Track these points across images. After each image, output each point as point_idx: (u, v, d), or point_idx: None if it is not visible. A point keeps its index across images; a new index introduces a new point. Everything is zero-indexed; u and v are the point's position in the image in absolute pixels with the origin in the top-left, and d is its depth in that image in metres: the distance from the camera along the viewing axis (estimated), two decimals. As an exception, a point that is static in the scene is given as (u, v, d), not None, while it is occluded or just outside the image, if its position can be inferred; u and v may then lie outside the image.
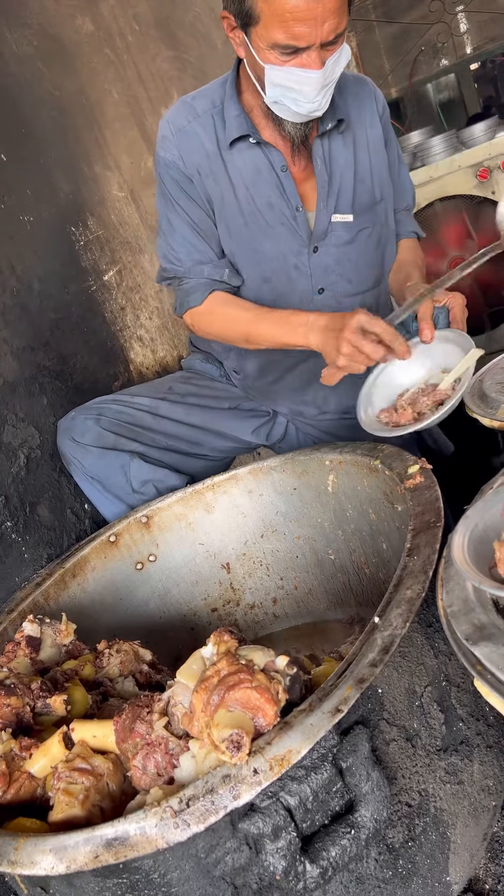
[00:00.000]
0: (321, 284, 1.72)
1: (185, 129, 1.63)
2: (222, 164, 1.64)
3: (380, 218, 1.75)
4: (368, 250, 1.75)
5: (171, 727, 0.93)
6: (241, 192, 1.65)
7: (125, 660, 1.31)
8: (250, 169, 1.64)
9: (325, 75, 1.40)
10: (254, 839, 0.83)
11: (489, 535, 0.93)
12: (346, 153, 1.69)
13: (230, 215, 1.67)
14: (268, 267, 1.70)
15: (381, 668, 0.85)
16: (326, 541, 1.67)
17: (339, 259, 1.71)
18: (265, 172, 1.64)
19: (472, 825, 1.04)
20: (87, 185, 2.11)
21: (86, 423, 1.72)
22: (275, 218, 1.67)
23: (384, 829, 0.91)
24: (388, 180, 1.77)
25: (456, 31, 4.63)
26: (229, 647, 0.92)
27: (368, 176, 1.72)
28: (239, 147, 1.63)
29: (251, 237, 1.68)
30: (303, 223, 1.67)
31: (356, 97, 1.70)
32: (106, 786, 0.94)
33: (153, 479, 1.74)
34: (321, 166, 1.65)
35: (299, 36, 1.34)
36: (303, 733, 0.81)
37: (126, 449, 1.74)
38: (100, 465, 1.71)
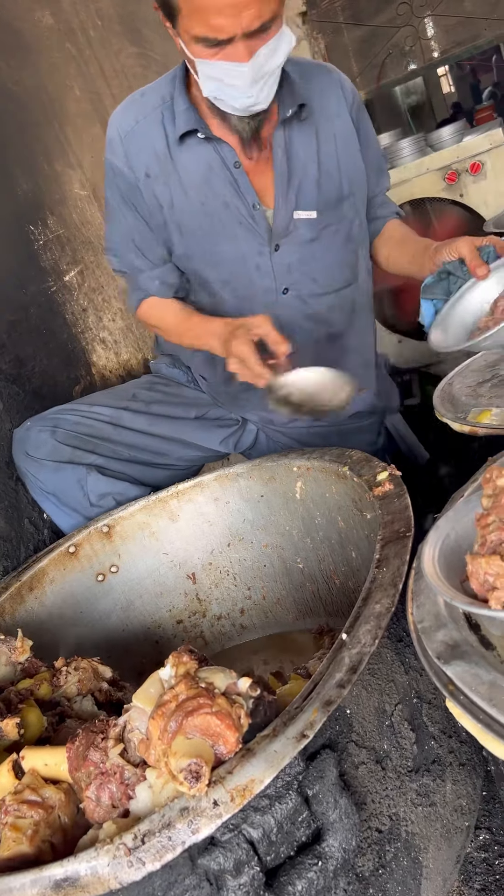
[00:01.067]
0: (285, 284, 1.66)
1: (132, 130, 1.56)
2: (172, 164, 1.57)
3: (347, 214, 1.67)
4: (335, 248, 1.67)
5: (127, 755, 0.88)
6: (194, 192, 1.57)
7: (84, 678, 1.25)
8: (202, 166, 1.56)
9: (256, 68, 1.32)
10: (214, 875, 0.78)
11: (461, 546, 0.89)
12: (308, 144, 1.59)
13: (184, 217, 1.60)
14: (226, 269, 1.63)
15: (349, 689, 0.81)
16: (295, 549, 1.62)
17: (303, 257, 1.64)
18: (217, 169, 1.56)
19: (445, 848, 1.00)
20: (48, 183, 2.04)
21: (40, 436, 1.64)
22: (231, 217, 1.59)
23: (353, 857, 0.86)
24: (361, 173, 1.69)
25: (423, 35, 4.62)
26: (189, 668, 0.87)
27: (335, 169, 1.63)
28: (189, 143, 1.55)
29: (207, 239, 1.61)
30: (261, 221, 1.60)
31: (320, 86, 1.61)
32: (57, 818, 0.88)
33: (112, 492, 1.67)
34: (280, 157, 1.57)
35: (218, 28, 1.26)
36: (266, 761, 0.76)
37: (83, 462, 1.66)
38: (55, 479, 1.64)
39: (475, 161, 3.37)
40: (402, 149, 3.54)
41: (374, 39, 4.62)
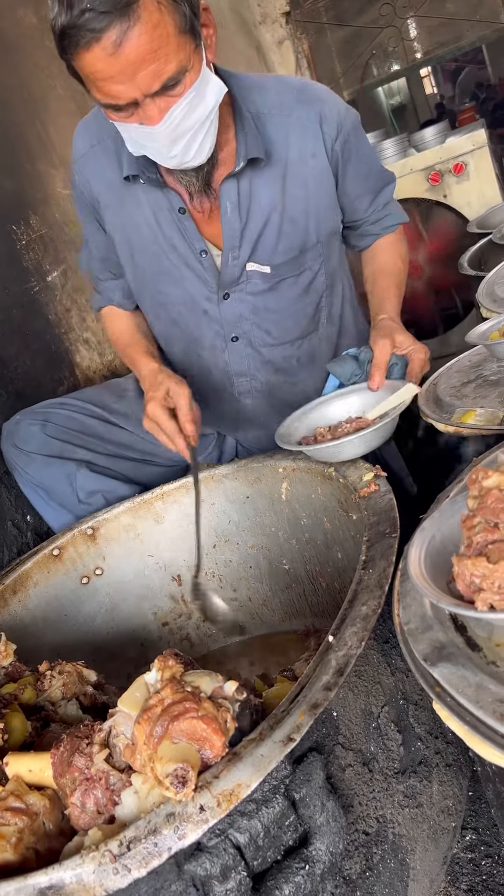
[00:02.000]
0: (234, 333, 1.61)
1: (87, 154, 1.52)
2: (126, 197, 1.51)
3: (311, 264, 1.58)
4: (291, 300, 1.60)
5: (112, 760, 0.87)
6: (146, 229, 1.53)
7: (68, 682, 1.24)
8: (153, 205, 1.50)
9: (172, 127, 1.22)
10: (201, 881, 0.78)
11: (447, 548, 0.89)
12: (272, 190, 1.48)
13: (134, 253, 1.57)
14: (174, 310, 1.60)
15: (335, 692, 0.81)
16: (280, 550, 1.62)
17: (255, 308, 1.58)
18: (166, 212, 1.49)
19: (432, 849, 1.00)
20: (30, 182, 2.02)
21: (30, 430, 1.63)
22: (179, 260, 1.54)
23: (340, 860, 0.86)
24: (334, 219, 1.59)
25: (406, 36, 4.64)
26: (174, 672, 0.86)
27: (303, 216, 1.52)
28: (139, 183, 1.48)
29: (156, 278, 1.57)
30: (210, 268, 1.53)
31: (298, 123, 1.47)
32: (42, 825, 0.87)
33: (101, 489, 1.66)
34: (230, 212, 1.46)
35: (115, 94, 1.16)
36: (253, 765, 0.76)
37: (73, 457, 1.65)
38: (44, 473, 1.63)
39: (458, 162, 3.38)
40: (385, 149, 3.55)
41: (357, 40, 4.64)
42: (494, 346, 1.42)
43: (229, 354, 1.64)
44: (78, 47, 1.12)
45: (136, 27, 1.10)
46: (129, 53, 1.11)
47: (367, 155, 1.61)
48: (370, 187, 1.66)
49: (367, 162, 1.62)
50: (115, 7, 1.08)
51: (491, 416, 1.27)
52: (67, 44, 1.13)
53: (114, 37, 1.10)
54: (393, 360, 1.44)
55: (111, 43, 1.10)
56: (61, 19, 1.11)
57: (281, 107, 1.47)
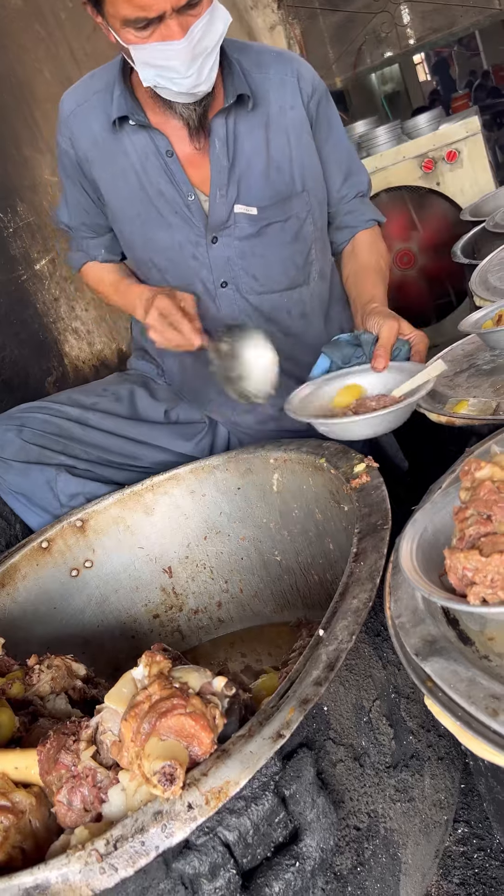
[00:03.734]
0: (223, 278, 1.61)
1: (75, 111, 1.55)
2: (113, 148, 1.54)
3: (297, 212, 1.60)
4: (279, 246, 1.61)
5: (99, 757, 0.85)
6: (132, 178, 1.55)
7: (57, 676, 1.22)
8: (140, 153, 1.53)
9: (193, 44, 1.28)
10: (189, 879, 0.76)
11: (439, 540, 0.88)
12: (256, 135, 1.53)
13: (122, 203, 1.58)
14: (164, 256, 1.60)
15: (326, 687, 0.79)
16: (272, 542, 1.60)
17: (242, 253, 1.59)
18: (152, 157, 1.52)
19: (424, 843, 0.99)
20: (17, 169, 1.99)
21: (6, 436, 1.59)
22: (167, 206, 1.55)
23: (331, 856, 0.85)
24: (316, 169, 1.62)
25: (399, 21, 4.60)
26: (162, 668, 0.85)
27: (287, 163, 1.56)
28: (125, 130, 1.52)
29: (144, 226, 1.58)
30: (198, 212, 1.55)
31: (276, 77, 1.55)
32: (28, 824, 0.86)
33: (83, 491, 1.62)
34: (219, 149, 1.51)
35: (145, 5, 1.22)
36: (242, 762, 0.75)
37: (52, 462, 1.60)
38: (22, 481, 1.59)
39: (451, 149, 3.35)
40: (378, 136, 3.51)
41: (350, 25, 4.59)
42: (487, 335, 1.41)
43: (219, 301, 1.63)
44: None
45: None
46: None
47: (336, 126, 1.66)
48: (339, 160, 1.68)
49: (336, 132, 1.66)
50: None
51: (484, 405, 1.26)
52: None
53: None
54: (397, 343, 1.41)
55: None
56: None
57: (260, 64, 1.54)
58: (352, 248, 1.74)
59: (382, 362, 1.38)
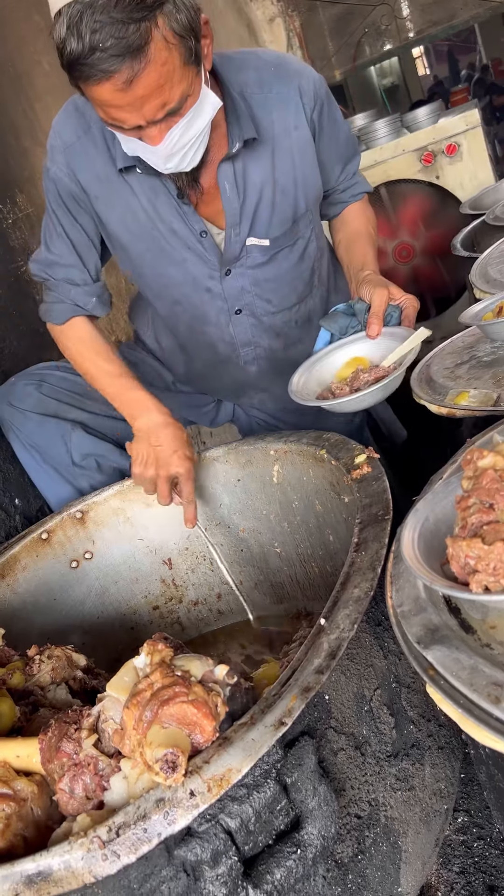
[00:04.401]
0: (237, 306, 1.63)
1: (74, 145, 1.46)
2: (118, 187, 1.48)
3: (303, 232, 1.61)
4: (288, 268, 1.63)
5: (101, 745, 0.86)
6: (142, 216, 1.50)
7: (57, 666, 1.22)
8: (147, 192, 1.48)
9: (171, 145, 1.26)
10: (191, 866, 0.77)
11: (440, 530, 0.88)
12: (264, 166, 1.51)
13: (131, 239, 1.53)
14: (177, 291, 1.60)
15: (327, 675, 0.79)
16: (272, 533, 1.61)
17: (255, 280, 1.60)
18: (163, 196, 1.48)
19: (424, 831, 0.99)
20: (16, 160, 1.98)
21: (26, 389, 1.63)
22: (179, 243, 1.53)
23: (332, 844, 0.85)
24: (317, 184, 1.62)
25: (399, 14, 4.58)
26: (164, 656, 0.85)
27: (292, 186, 1.55)
28: (133, 171, 1.46)
29: (156, 262, 1.56)
30: (211, 247, 1.53)
31: (279, 98, 1.50)
32: (30, 811, 0.86)
33: (95, 452, 1.65)
34: (229, 191, 1.48)
35: (121, 120, 1.21)
36: (244, 750, 0.75)
37: (68, 417, 1.65)
38: (39, 432, 1.62)
39: (451, 142, 3.35)
40: (377, 130, 3.51)
41: (349, 18, 4.58)
42: (488, 326, 1.41)
43: (234, 327, 1.65)
44: (88, 81, 1.14)
45: (147, 67, 1.12)
46: (138, 90, 1.14)
47: (338, 121, 1.65)
48: (341, 154, 1.69)
49: (338, 128, 1.66)
50: (126, 51, 1.09)
51: (484, 397, 1.26)
52: (77, 74, 1.14)
53: (124, 77, 1.12)
54: (389, 309, 1.46)
55: (122, 81, 1.12)
56: (72, 48, 1.10)
57: (261, 84, 1.49)
58: (342, 217, 1.78)
59: (375, 329, 1.44)
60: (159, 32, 1.11)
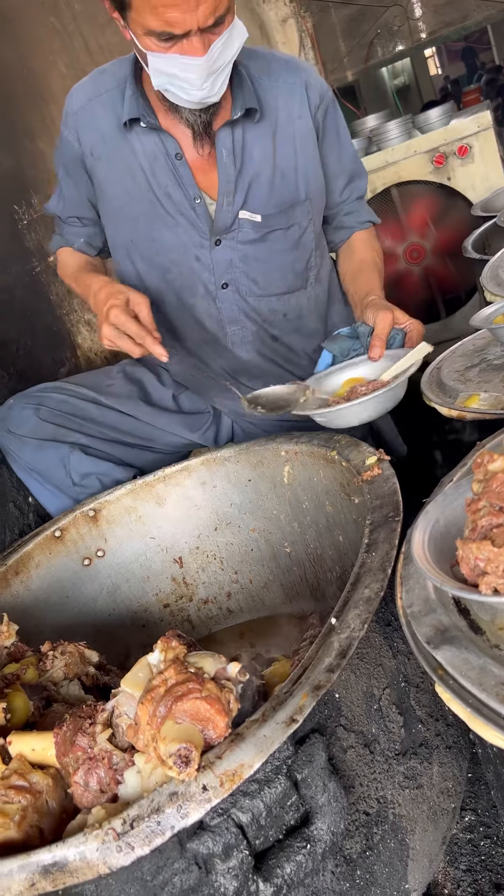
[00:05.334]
0: (224, 279, 1.64)
1: (84, 107, 1.56)
2: (121, 147, 1.55)
3: (299, 220, 1.63)
4: (280, 252, 1.65)
5: (115, 740, 0.87)
6: (140, 177, 1.56)
7: (70, 662, 1.24)
8: (148, 154, 1.55)
9: (211, 61, 1.32)
10: (203, 859, 0.78)
11: (450, 531, 0.89)
12: (264, 144, 1.56)
13: (127, 200, 1.59)
14: (167, 257, 1.62)
15: (338, 674, 0.81)
16: (282, 533, 1.62)
17: (244, 256, 1.62)
18: (161, 159, 1.54)
19: (432, 829, 1.00)
20: (32, 162, 2.01)
21: (23, 413, 1.64)
22: (173, 207, 1.58)
23: (341, 840, 0.87)
24: (320, 179, 1.65)
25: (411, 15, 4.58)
26: (177, 653, 0.87)
27: (293, 171, 1.59)
28: (135, 130, 1.53)
29: (149, 226, 1.60)
30: (203, 214, 1.57)
31: (285, 86, 1.57)
32: (45, 804, 0.87)
33: (96, 472, 1.66)
34: (226, 157, 1.54)
35: (173, 22, 1.25)
36: (255, 746, 0.76)
37: (67, 441, 1.66)
38: (37, 457, 1.64)
39: (463, 144, 3.34)
40: (389, 131, 3.51)
41: (362, 19, 4.58)
42: (499, 329, 1.41)
43: (220, 302, 1.66)
44: None
45: None
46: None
47: (343, 133, 1.71)
48: (345, 168, 1.72)
49: (342, 139, 1.70)
50: None
51: (495, 400, 1.27)
52: None
53: None
54: (392, 332, 1.48)
55: None
56: None
57: (269, 72, 1.57)
58: (349, 246, 1.80)
59: (378, 351, 1.46)
60: None
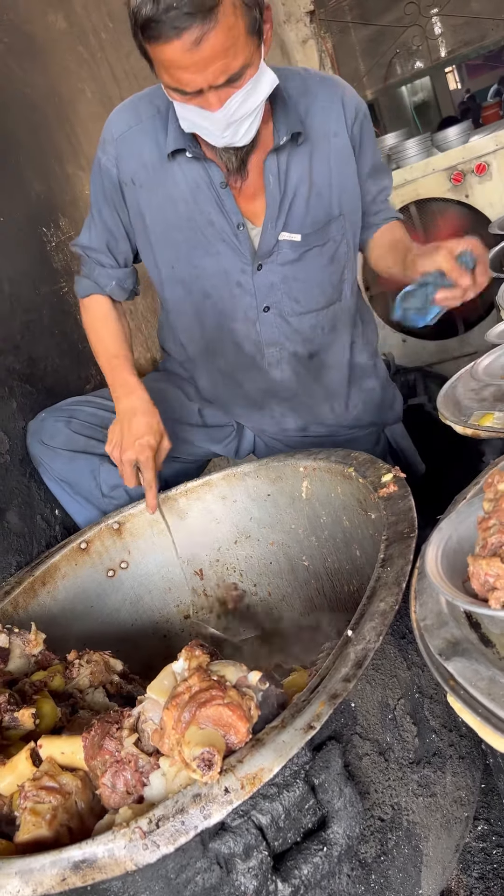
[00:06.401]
0: (266, 303, 1.67)
1: (125, 135, 1.57)
2: (161, 175, 1.57)
3: (334, 235, 1.66)
4: (318, 269, 1.67)
5: (141, 744, 0.91)
6: (182, 206, 1.58)
7: (95, 670, 1.29)
8: (190, 183, 1.56)
9: (227, 114, 1.32)
10: (225, 859, 0.82)
11: (463, 548, 0.93)
12: (302, 166, 1.58)
13: (169, 229, 1.61)
14: (208, 283, 1.65)
15: (354, 683, 0.85)
16: (300, 547, 1.66)
17: (284, 277, 1.65)
18: (204, 187, 1.56)
19: (445, 837, 1.04)
20: (59, 185, 2.07)
21: (55, 426, 1.69)
22: (216, 235, 1.59)
23: (357, 844, 0.90)
24: (354, 193, 1.68)
25: (431, 35, 4.64)
26: (201, 662, 0.91)
27: (327, 189, 1.62)
28: (179, 160, 1.55)
29: (191, 253, 1.62)
30: (245, 241, 1.60)
31: (322, 104, 1.59)
32: (74, 804, 0.92)
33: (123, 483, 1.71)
34: (273, 185, 1.56)
35: (184, 82, 1.27)
36: (275, 751, 0.80)
37: (96, 452, 1.71)
38: (68, 468, 1.69)
39: (481, 162, 3.39)
40: (407, 149, 3.56)
41: (381, 38, 4.65)
42: None
43: (261, 325, 1.69)
44: (158, 40, 1.22)
45: (215, 28, 1.20)
46: (205, 51, 1.22)
47: (374, 143, 1.72)
48: (375, 174, 1.74)
49: (373, 149, 1.72)
50: (199, 9, 1.18)
51: (508, 419, 1.30)
52: (148, 34, 1.23)
53: (195, 35, 1.20)
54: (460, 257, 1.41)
55: (191, 41, 1.20)
56: (146, 10, 1.19)
57: (307, 91, 1.58)
58: (380, 234, 1.79)
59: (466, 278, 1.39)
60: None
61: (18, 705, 1.12)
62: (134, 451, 1.52)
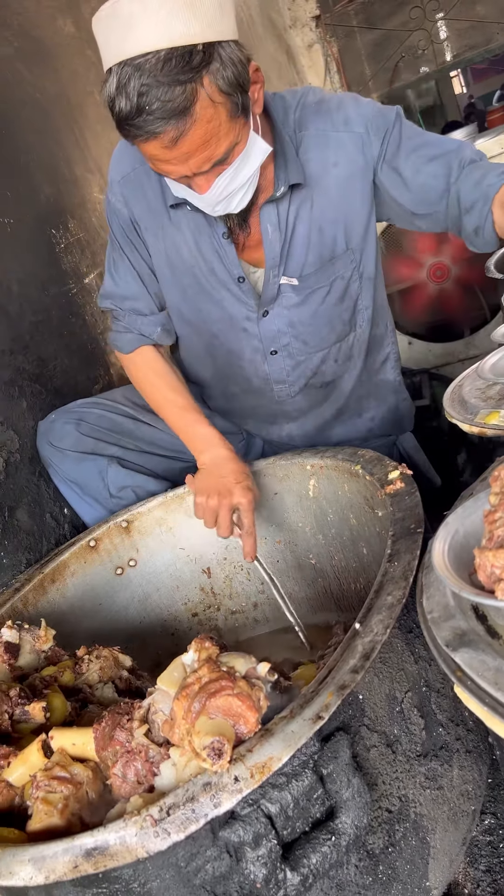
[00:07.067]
0: (273, 347, 1.65)
1: (128, 176, 1.53)
2: (167, 219, 1.53)
3: (341, 272, 1.58)
4: (326, 308, 1.61)
5: (151, 735, 0.93)
6: (186, 252, 1.55)
7: (105, 666, 1.30)
8: (193, 230, 1.52)
9: (217, 192, 1.29)
10: (234, 847, 0.83)
11: (469, 542, 0.94)
12: (302, 209, 1.51)
13: (172, 272, 1.59)
14: (215, 326, 1.64)
15: (362, 675, 0.86)
16: (307, 545, 1.67)
17: (290, 322, 1.61)
18: (207, 237, 1.52)
19: (452, 830, 1.04)
20: (68, 188, 2.09)
21: (65, 428, 1.70)
22: (218, 283, 1.57)
23: (364, 835, 0.91)
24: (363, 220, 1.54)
25: (436, 39, 4.66)
26: (210, 653, 0.92)
27: (330, 224, 1.53)
28: (183, 207, 1.50)
29: (196, 298, 1.60)
30: (248, 290, 1.57)
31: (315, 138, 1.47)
32: (85, 794, 0.93)
33: (131, 484, 1.73)
34: (271, 234, 1.50)
35: (167, 172, 1.26)
36: (284, 740, 0.81)
37: (105, 454, 1.73)
38: (77, 469, 1.70)
39: (486, 165, 3.39)
40: (413, 152, 3.57)
41: (386, 43, 4.68)
42: None
43: (269, 366, 1.68)
44: (137, 139, 1.19)
45: (192, 127, 1.16)
46: (184, 147, 1.18)
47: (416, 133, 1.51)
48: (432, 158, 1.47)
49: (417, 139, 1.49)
50: (172, 114, 1.13)
51: (514, 417, 1.30)
52: (125, 133, 1.20)
53: (171, 136, 1.16)
54: None
55: (168, 140, 1.17)
56: (120, 107, 1.14)
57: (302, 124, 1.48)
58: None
59: None
60: (205, 92, 1.14)
61: (29, 699, 1.14)
62: (237, 496, 1.48)
